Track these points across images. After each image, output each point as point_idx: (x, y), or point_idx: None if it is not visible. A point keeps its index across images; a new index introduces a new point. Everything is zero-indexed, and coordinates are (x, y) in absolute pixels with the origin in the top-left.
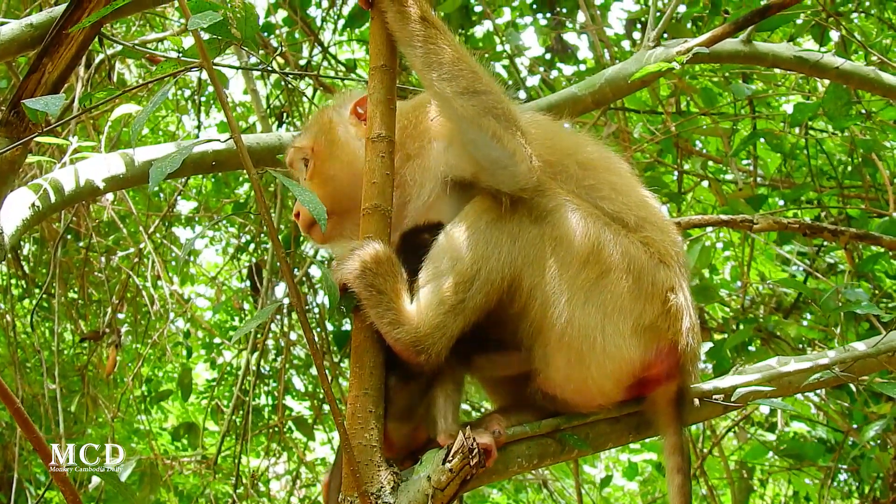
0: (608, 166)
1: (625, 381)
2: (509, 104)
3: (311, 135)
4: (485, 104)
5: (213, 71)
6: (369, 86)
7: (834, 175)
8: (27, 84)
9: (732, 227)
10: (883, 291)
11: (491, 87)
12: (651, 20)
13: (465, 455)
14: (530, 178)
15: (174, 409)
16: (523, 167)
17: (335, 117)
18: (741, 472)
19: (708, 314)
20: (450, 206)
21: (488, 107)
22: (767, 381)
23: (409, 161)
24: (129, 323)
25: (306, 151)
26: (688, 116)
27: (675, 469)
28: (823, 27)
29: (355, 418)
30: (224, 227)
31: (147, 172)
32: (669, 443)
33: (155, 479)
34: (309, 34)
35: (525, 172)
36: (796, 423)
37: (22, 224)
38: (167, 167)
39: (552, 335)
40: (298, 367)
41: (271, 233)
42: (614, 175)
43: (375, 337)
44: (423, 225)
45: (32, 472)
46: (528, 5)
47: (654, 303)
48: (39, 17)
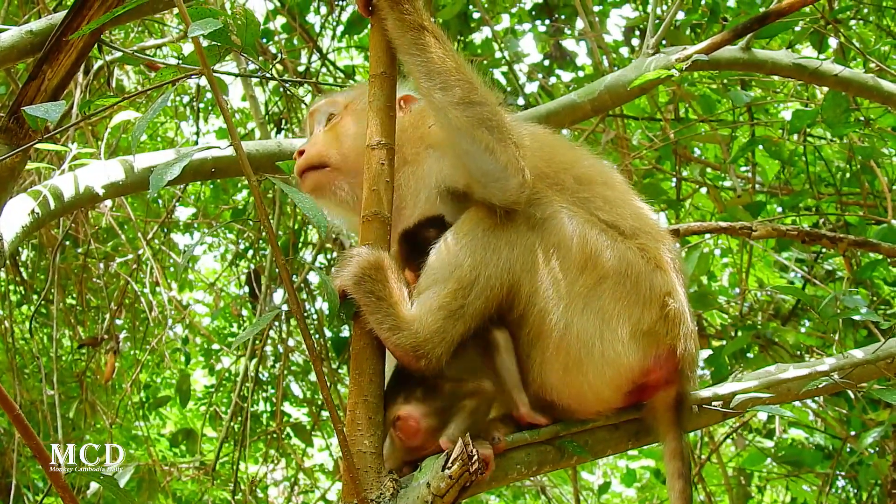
0: (604, 181)
1: (624, 387)
2: (504, 117)
3: (352, 95)
4: (479, 115)
5: (213, 78)
6: (369, 93)
7: (832, 182)
8: (27, 91)
9: (731, 234)
10: (881, 298)
11: (487, 98)
12: (650, 27)
13: (465, 462)
14: (521, 192)
15: (172, 415)
16: (514, 181)
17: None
18: (739, 479)
19: (706, 321)
20: (445, 215)
21: (483, 118)
22: (766, 388)
23: (405, 166)
24: (128, 329)
25: (339, 106)
26: (686, 123)
27: (675, 474)
28: (822, 35)
29: (355, 425)
30: (222, 234)
31: (146, 179)
32: (669, 448)
33: (153, 485)
34: (308, 41)
35: (516, 187)
36: (794, 429)
37: (21, 231)
38: (168, 174)
39: (550, 341)
40: (297, 373)
41: (271, 238)
42: (609, 189)
43: (375, 344)
44: (426, 219)
45: (31, 479)
46: (527, 12)
47: (652, 308)
48: (39, 23)
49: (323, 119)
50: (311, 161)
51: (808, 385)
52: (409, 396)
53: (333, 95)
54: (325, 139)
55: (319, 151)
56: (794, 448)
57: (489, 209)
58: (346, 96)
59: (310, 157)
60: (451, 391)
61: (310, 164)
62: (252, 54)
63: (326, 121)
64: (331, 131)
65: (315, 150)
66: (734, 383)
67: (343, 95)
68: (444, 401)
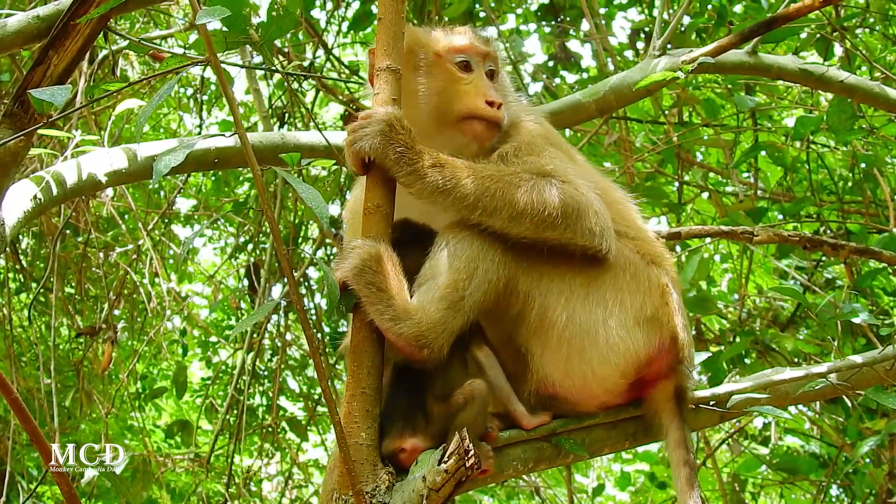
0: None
1: (629, 374)
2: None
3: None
4: (537, 221)
5: (220, 67)
6: (375, 86)
7: (834, 190)
8: (32, 76)
9: (732, 238)
10: (880, 308)
11: (523, 182)
12: (657, 29)
13: (461, 456)
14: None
15: (168, 406)
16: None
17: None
18: (733, 485)
19: (705, 325)
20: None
21: (542, 222)
22: (763, 390)
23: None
24: (126, 319)
25: (496, 62)
26: (690, 127)
27: (681, 462)
28: (828, 42)
29: (352, 417)
30: (223, 228)
31: (149, 167)
32: (673, 438)
33: (147, 475)
34: (313, 35)
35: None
36: (790, 437)
37: (23, 216)
38: (171, 161)
39: (553, 332)
40: (294, 367)
41: (272, 226)
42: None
43: (374, 336)
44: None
45: (25, 466)
46: (533, 13)
47: (654, 295)
48: (46, 9)
49: (484, 65)
50: (501, 119)
51: (805, 387)
52: (406, 427)
53: (497, 45)
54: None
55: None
56: (789, 455)
57: None
58: (500, 53)
59: (503, 116)
60: (444, 413)
61: (499, 122)
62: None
63: (491, 73)
64: (498, 90)
65: (503, 113)
66: (732, 384)
67: (500, 51)
68: (441, 422)
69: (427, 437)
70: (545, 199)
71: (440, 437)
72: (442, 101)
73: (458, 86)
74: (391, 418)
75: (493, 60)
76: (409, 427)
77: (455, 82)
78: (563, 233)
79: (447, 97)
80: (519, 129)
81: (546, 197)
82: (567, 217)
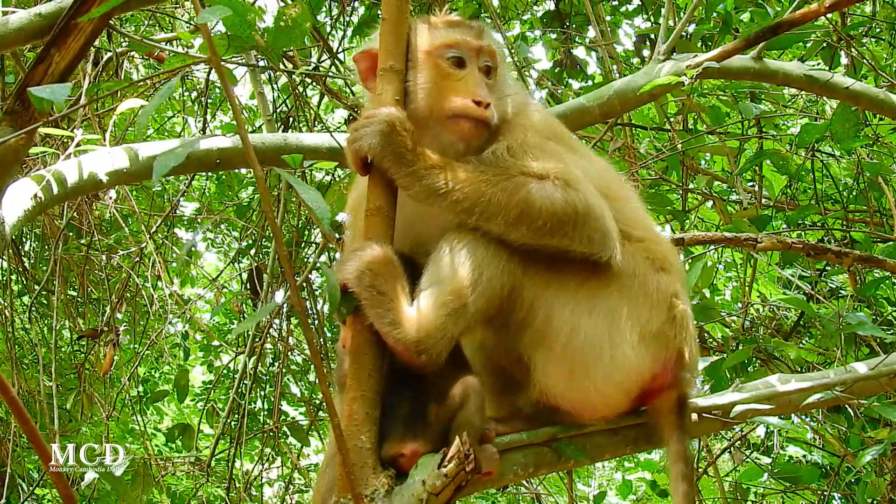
0: (607, 184)
1: (633, 392)
2: (543, 184)
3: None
4: (534, 228)
5: (222, 68)
6: (378, 87)
7: (839, 199)
8: (34, 74)
9: (736, 245)
10: (883, 318)
11: (518, 187)
12: (662, 34)
13: (461, 461)
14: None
15: (169, 410)
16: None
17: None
18: (735, 494)
19: (707, 333)
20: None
21: (539, 229)
22: (767, 399)
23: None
24: (128, 322)
25: (497, 59)
26: (695, 134)
27: (679, 476)
28: (834, 50)
29: (352, 420)
30: (226, 232)
31: (151, 167)
32: (673, 451)
33: (148, 479)
34: (318, 39)
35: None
36: (792, 446)
37: (24, 214)
38: (172, 160)
39: (556, 344)
40: (296, 372)
41: (274, 228)
42: (613, 192)
43: (374, 339)
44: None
45: (25, 469)
46: (539, 19)
47: (660, 309)
48: (48, 6)
49: (479, 62)
50: (489, 119)
51: (809, 398)
52: (406, 432)
53: (493, 38)
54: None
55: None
56: (791, 464)
57: None
58: (498, 47)
59: (491, 116)
60: (443, 414)
61: (487, 121)
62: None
63: (488, 69)
64: (494, 86)
65: (492, 112)
66: (735, 393)
67: (497, 45)
68: (441, 424)
69: (427, 440)
70: (541, 205)
71: (440, 439)
72: (432, 98)
73: (449, 83)
74: (391, 423)
75: (488, 55)
76: (409, 432)
77: (445, 79)
78: (562, 240)
79: (436, 94)
80: (517, 126)
81: (542, 203)
82: (564, 224)
